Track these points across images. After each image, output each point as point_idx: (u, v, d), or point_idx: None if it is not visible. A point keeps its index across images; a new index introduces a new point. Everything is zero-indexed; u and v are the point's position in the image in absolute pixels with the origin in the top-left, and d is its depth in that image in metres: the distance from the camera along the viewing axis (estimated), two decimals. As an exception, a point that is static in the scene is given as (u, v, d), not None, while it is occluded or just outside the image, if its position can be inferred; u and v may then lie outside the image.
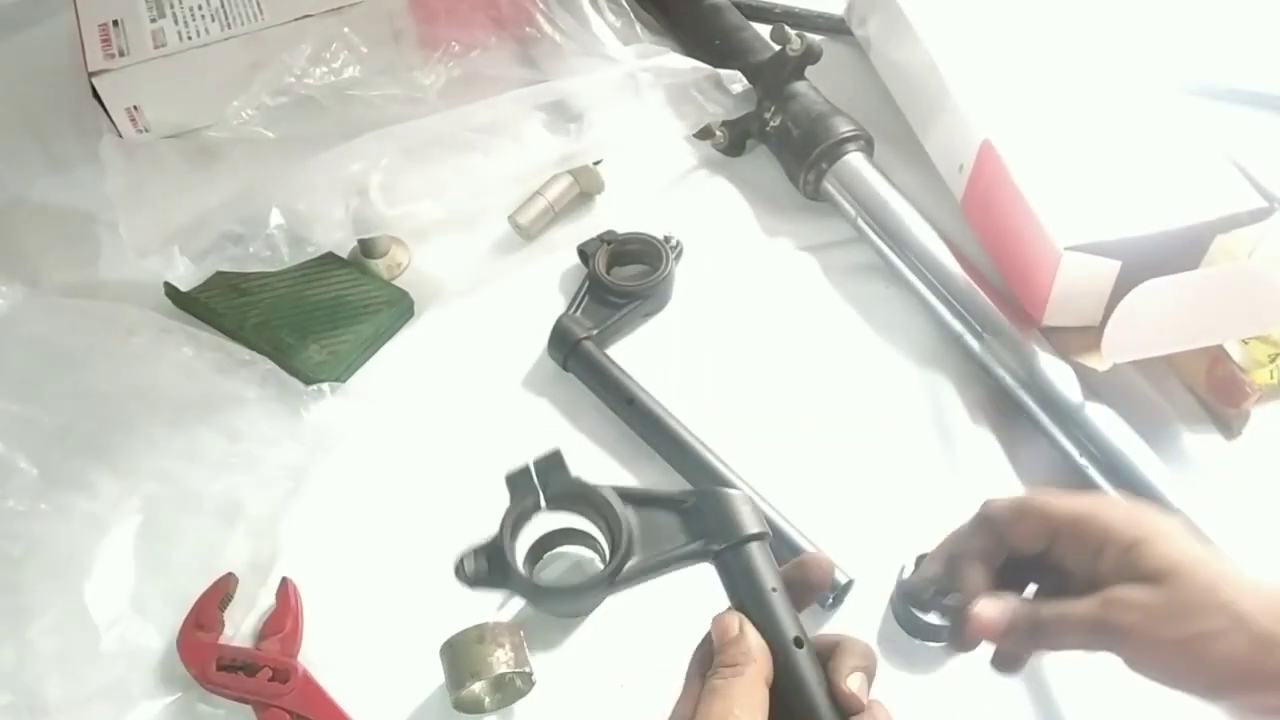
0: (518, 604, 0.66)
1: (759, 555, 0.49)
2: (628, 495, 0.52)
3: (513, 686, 0.61)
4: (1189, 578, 0.49)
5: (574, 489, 0.53)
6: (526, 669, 0.60)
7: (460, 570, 0.52)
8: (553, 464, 0.53)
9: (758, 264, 0.84)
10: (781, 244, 0.85)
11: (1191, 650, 0.48)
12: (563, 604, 0.54)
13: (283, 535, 0.68)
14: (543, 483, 0.53)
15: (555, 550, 0.67)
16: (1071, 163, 0.75)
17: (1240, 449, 0.72)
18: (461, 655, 0.59)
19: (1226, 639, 0.47)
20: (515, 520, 0.53)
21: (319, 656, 0.64)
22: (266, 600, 0.66)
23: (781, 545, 0.66)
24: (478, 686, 0.60)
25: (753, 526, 0.50)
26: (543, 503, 0.53)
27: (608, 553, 0.50)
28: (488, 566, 0.52)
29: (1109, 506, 0.52)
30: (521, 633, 0.61)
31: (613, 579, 0.50)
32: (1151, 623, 0.48)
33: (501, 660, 0.59)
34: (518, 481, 0.53)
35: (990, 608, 0.52)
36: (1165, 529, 0.51)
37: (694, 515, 0.51)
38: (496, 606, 0.65)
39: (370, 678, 0.63)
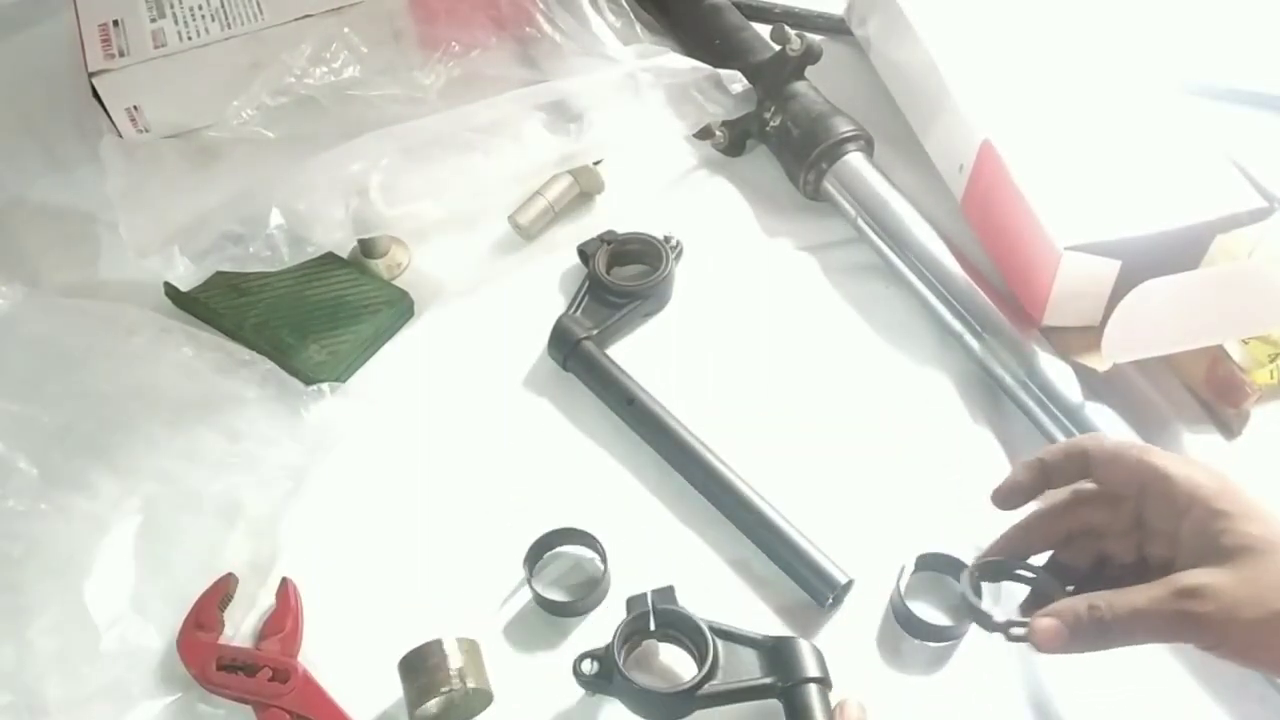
0: (515, 605, 0.66)
1: (816, 695, 0.58)
2: (718, 630, 0.60)
3: (462, 704, 0.60)
4: (1269, 556, 0.48)
5: (677, 619, 0.61)
6: (452, 688, 0.58)
7: (578, 670, 0.60)
8: (666, 596, 0.61)
9: (758, 264, 0.84)
10: (781, 244, 0.85)
11: (1273, 628, 0.48)
12: (655, 710, 0.59)
13: (283, 535, 0.68)
14: (655, 608, 0.61)
15: (555, 550, 0.67)
16: (1071, 163, 0.75)
17: (1240, 449, 0.72)
18: (404, 682, 0.60)
19: None
20: (627, 635, 0.60)
21: (319, 656, 0.64)
22: (266, 600, 0.66)
23: (782, 545, 0.66)
24: (419, 712, 0.59)
25: (814, 671, 0.58)
26: (652, 624, 0.61)
27: (697, 671, 0.59)
28: (599, 669, 0.59)
29: (1203, 473, 0.53)
30: (461, 649, 0.60)
31: (698, 692, 0.58)
32: (1230, 606, 0.48)
33: (432, 685, 0.58)
34: (635, 603, 0.61)
35: (1049, 621, 0.52)
36: (1251, 508, 0.51)
37: (770, 655, 0.60)
38: (498, 604, 0.66)
39: (370, 678, 0.62)
